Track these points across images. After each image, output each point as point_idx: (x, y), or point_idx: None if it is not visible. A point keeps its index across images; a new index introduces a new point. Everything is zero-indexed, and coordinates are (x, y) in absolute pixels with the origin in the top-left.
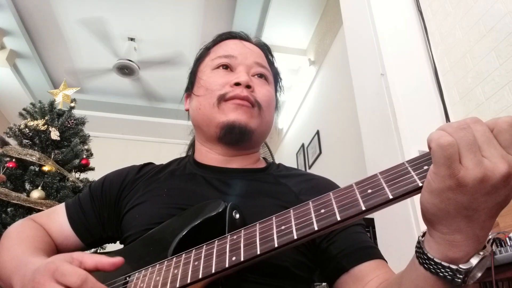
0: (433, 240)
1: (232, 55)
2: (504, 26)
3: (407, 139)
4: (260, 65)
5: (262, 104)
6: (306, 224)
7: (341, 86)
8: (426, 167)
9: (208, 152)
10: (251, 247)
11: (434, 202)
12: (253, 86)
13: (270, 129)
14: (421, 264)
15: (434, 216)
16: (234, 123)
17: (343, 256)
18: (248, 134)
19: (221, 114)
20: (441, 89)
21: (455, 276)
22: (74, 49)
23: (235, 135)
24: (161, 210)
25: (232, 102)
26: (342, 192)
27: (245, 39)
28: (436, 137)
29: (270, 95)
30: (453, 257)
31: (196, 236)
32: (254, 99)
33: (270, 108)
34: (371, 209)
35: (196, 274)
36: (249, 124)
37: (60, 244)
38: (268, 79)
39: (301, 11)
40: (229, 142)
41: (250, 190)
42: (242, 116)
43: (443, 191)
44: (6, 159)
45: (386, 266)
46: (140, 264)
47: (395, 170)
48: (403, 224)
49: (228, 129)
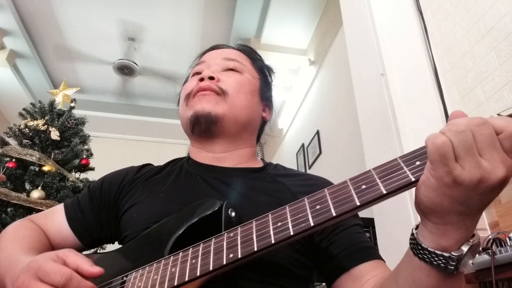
0: (426, 229)
1: (203, 61)
2: (504, 26)
3: (407, 139)
4: (228, 59)
5: (228, 89)
6: (302, 220)
7: (341, 86)
8: (418, 162)
9: (198, 152)
10: (248, 244)
11: (430, 196)
12: (217, 77)
13: (250, 114)
14: (416, 254)
15: (428, 209)
16: (197, 113)
17: (343, 256)
18: (214, 120)
19: (189, 109)
20: (441, 89)
21: (448, 263)
22: (74, 49)
23: (202, 124)
24: (158, 210)
25: (197, 95)
26: (337, 188)
27: (223, 47)
28: (432, 137)
29: (239, 80)
30: (445, 245)
31: (192, 235)
32: (218, 87)
33: (241, 92)
34: (366, 204)
35: (194, 272)
36: (214, 111)
37: (58, 245)
38: (240, 70)
39: (301, 11)
40: (200, 132)
41: (247, 188)
42: (205, 104)
43: (439, 187)
44: (6, 159)
45: (385, 265)
46: (137, 263)
47: (388, 166)
48: (403, 224)
49: (195, 120)
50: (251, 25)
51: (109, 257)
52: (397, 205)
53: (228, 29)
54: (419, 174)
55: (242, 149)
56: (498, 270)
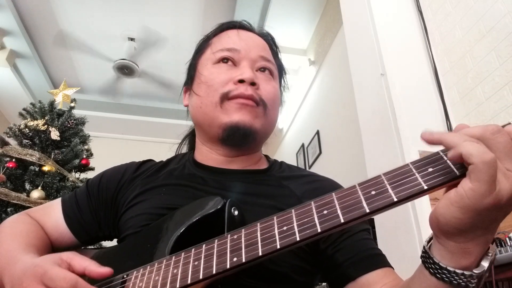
0: (446, 249)
1: (235, 49)
2: (504, 26)
3: (407, 139)
4: (264, 59)
5: (267, 102)
6: (308, 225)
7: (341, 86)
8: (431, 169)
9: (208, 152)
10: (253, 248)
11: (462, 217)
12: (257, 83)
13: (274, 128)
14: (433, 274)
15: (456, 230)
16: (238, 124)
17: (350, 264)
18: (252, 135)
19: (224, 114)
20: (441, 89)
21: (469, 281)
22: (74, 49)
23: (238, 136)
24: (159, 210)
25: (236, 101)
26: (345, 193)
27: (248, 29)
28: (478, 153)
29: (276, 91)
30: (466, 264)
31: (194, 233)
32: (259, 97)
33: (275, 106)
34: (375, 211)
35: (196, 275)
36: (254, 125)
37: (55, 240)
38: (273, 73)
39: (301, 11)
40: (233, 144)
41: (249, 192)
42: (246, 116)
43: (478, 208)
44: (6, 159)
45: (394, 273)
46: (138, 261)
47: (399, 172)
48: (403, 224)
49: (231, 131)
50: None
51: (109, 254)
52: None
53: None
54: (432, 182)
55: (253, 153)
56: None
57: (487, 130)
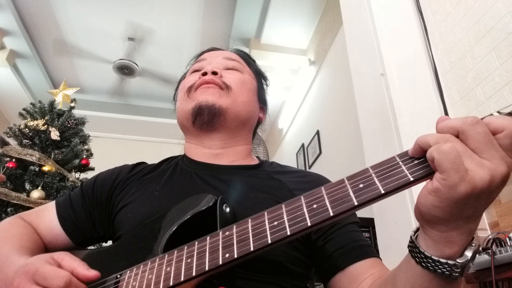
0: (430, 238)
1: (203, 59)
2: (504, 26)
3: (407, 139)
4: (229, 59)
5: (231, 85)
6: (299, 220)
7: (341, 86)
8: (416, 161)
9: (195, 148)
10: (244, 243)
11: (440, 206)
12: (220, 73)
13: (250, 112)
14: (418, 263)
15: (436, 218)
16: (201, 103)
17: (339, 254)
18: (218, 112)
19: (191, 101)
20: (441, 89)
21: (453, 271)
22: (74, 49)
23: (205, 116)
24: (153, 208)
25: (199, 88)
26: (334, 187)
27: (220, 49)
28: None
29: (241, 78)
30: (450, 253)
31: (187, 230)
32: (222, 81)
33: (243, 89)
34: (363, 204)
35: (189, 272)
36: (218, 103)
37: (49, 243)
38: (240, 70)
39: (301, 11)
40: (202, 124)
41: (244, 186)
42: (209, 96)
43: (452, 196)
44: (6, 159)
45: (381, 264)
46: (131, 260)
47: (386, 165)
48: (403, 224)
49: (198, 111)
50: (251, 25)
51: (103, 254)
52: (397, 205)
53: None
54: (418, 174)
55: (239, 146)
56: (498, 270)
57: (465, 121)
